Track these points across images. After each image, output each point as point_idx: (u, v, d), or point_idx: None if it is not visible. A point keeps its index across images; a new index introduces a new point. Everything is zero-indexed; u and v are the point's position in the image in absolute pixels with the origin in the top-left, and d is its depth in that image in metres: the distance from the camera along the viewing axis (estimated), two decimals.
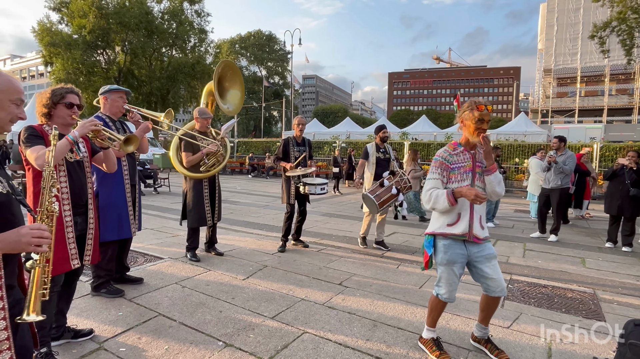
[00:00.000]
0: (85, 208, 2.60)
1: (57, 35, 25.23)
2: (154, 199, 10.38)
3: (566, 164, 6.30)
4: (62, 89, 2.45)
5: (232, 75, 5.36)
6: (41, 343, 2.36)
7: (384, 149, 5.54)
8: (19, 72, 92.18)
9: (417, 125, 26.69)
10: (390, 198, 4.94)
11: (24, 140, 2.29)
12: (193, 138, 4.48)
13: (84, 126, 2.39)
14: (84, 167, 2.58)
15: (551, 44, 48.04)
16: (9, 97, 1.36)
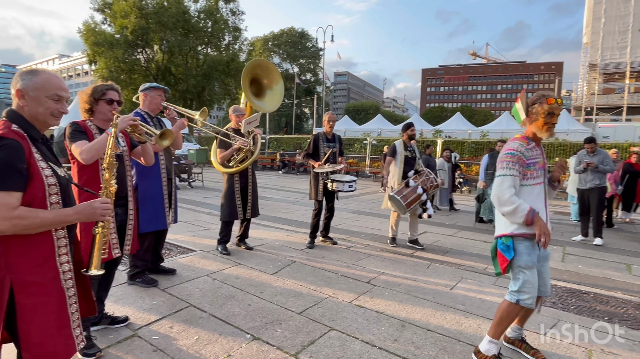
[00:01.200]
0: (125, 200, 2.69)
1: (100, 35, 26.49)
2: (187, 193, 10.70)
3: (605, 164, 6.00)
4: (102, 86, 2.55)
5: (268, 72, 5.40)
6: (83, 327, 2.49)
7: (411, 147, 5.44)
8: (65, 71, 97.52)
9: (451, 123, 26.02)
10: (417, 198, 4.84)
11: (69, 136, 2.42)
12: (227, 137, 4.60)
13: (123, 121, 2.47)
14: (123, 160, 2.67)
15: (598, 37, 45.37)
16: (45, 94, 1.52)
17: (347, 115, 41.83)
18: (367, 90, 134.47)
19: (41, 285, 1.44)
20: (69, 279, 1.55)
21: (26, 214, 1.37)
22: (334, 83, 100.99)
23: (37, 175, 1.42)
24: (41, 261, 1.45)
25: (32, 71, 1.53)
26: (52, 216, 1.43)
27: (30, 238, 1.42)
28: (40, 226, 1.41)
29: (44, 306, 1.45)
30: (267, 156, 22.74)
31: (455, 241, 5.97)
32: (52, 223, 1.44)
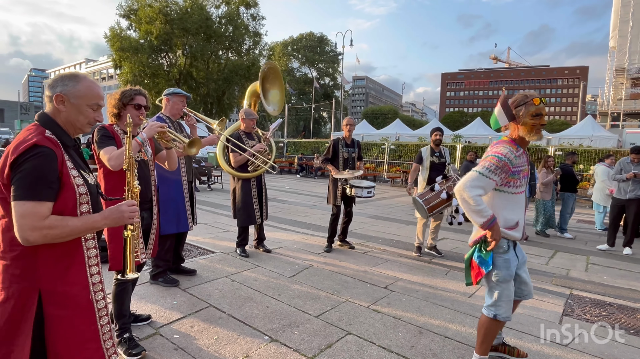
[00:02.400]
0: (150, 204, 2.75)
1: (126, 40, 27.29)
2: (207, 195, 10.88)
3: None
4: (130, 91, 2.57)
5: (273, 77, 5.48)
6: (123, 330, 2.59)
7: (438, 153, 5.34)
8: (91, 75, 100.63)
9: (471, 128, 25.60)
10: (440, 203, 4.78)
11: (98, 141, 2.42)
12: (239, 140, 4.64)
13: (152, 128, 2.49)
14: (149, 165, 2.72)
15: (625, 41, 44.03)
16: (87, 102, 1.51)
17: (365, 119, 41.70)
18: (386, 94, 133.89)
19: (70, 295, 1.42)
20: (99, 291, 1.52)
21: (56, 223, 1.33)
22: (352, 88, 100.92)
23: (69, 185, 1.39)
24: (71, 271, 1.43)
25: (74, 76, 1.49)
26: (80, 223, 1.39)
27: (61, 247, 1.39)
28: (70, 234, 1.37)
29: (73, 318, 1.42)
30: (285, 159, 22.89)
31: None
32: (82, 231, 1.40)
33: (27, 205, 1.28)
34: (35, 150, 1.32)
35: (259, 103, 5.49)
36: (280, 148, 24.21)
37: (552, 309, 3.57)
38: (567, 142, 19.69)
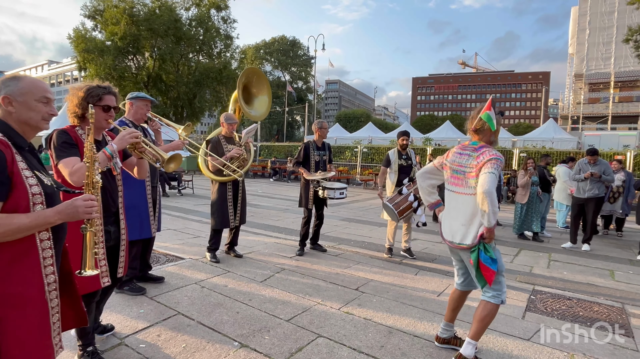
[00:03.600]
0: (116, 217, 2.46)
1: (91, 41, 26.37)
2: (177, 201, 10.64)
3: (607, 174, 6.19)
4: (98, 89, 2.18)
5: (258, 81, 5.46)
6: (88, 344, 2.46)
7: (405, 155, 5.45)
8: (55, 77, 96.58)
9: (440, 131, 26.33)
10: (409, 206, 4.87)
11: (57, 148, 2.07)
12: (218, 144, 4.62)
13: (124, 139, 2.17)
14: (115, 176, 2.42)
15: (583, 48, 46.50)
16: (34, 98, 1.50)
17: (339, 122, 42.09)
18: (359, 98, 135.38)
19: (24, 296, 1.41)
20: (53, 290, 1.52)
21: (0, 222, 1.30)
22: (326, 91, 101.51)
23: (21, 184, 1.38)
24: (26, 272, 1.41)
25: (14, 77, 1.50)
26: (29, 220, 1.36)
27: (14, 248, 1.37)
28: (17, 232, 1.34)
29: (26, 318, 1.42)
30: (258, 163, 22.72)
31: (444, 249, 6.03)
32: (30, 227, 1.37)
33: None
34: None
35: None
36: (253, 152, 23.98)
37: (516, 305, 3.70)
38: (531, 144, 20.53)
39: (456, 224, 2.57)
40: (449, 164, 2.65)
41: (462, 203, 2.55)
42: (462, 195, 2.55)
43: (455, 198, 2.60)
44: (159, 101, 28.66)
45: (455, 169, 2.60)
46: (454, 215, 2.62)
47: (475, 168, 2.45)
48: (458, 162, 2.58)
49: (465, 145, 2.62)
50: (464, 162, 2.53)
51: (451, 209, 2.65)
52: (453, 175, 2.61)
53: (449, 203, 2.67)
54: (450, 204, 2.66)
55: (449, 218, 2.66)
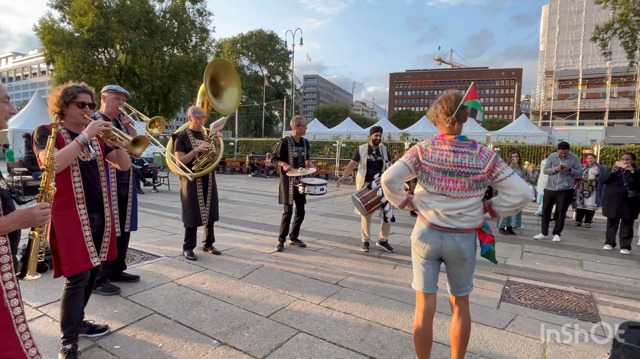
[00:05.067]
0: (100, 205, 2.59)
1: (58, 33, 25.30)
2: (153, 197, 10.39)
3: (576, 168, 6.44)
4: (73, 88, 2.39)
5: (226, 73, 5.32)
6: (69, 339, 2.43)
7: (375, 151, 5.50)
8: (20, 70, 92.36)
9: (417, 126, 26.71)
10: (377, 200, 4.90)
11: (37, 141, 2.28)
12: (186, 138, 4.48)
13: (93, 127, 2.33)
14: (97, 165, 2.56)
15: (553, 45, 48.01)
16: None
17: (317, 118, 42.02)
18: (337, 93, 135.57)
19: None
20: (14, 297, 1.45)
21: None
22: (304, 87, 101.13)
23: None
24: None
25: None
26: None
27: None
28: None
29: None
30: (236, 159, 22.44)
31: None
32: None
33: None
34: None
35: None
36: (231, 148, 23.69)
37: (491, 296, 3.80)
38: (504, 139, 21.10)
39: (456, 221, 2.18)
40: (435, 165, 2.15)
41: (463, 204, 2.15)
42: (464, 199, 2.13)
43: (451, 202, 2.15)
44: (132, 95, 27.81)
45: (448, 170, 2.13)
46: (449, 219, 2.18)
47: (484, 169, 2.11)
48: (454, 162, 2.12)
49: (452, 140, 2.17)
50: (466, 162, 2.11)
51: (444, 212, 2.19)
52: (445, 178, 2.14)
53: (435, 206, 2.18)
54: (438, 207, 2.17)
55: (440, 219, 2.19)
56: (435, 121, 2.29)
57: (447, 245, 2.17)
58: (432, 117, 2.30)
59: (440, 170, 2.15)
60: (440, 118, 2.23)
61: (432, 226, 2.19)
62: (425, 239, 2.21)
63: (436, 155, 2.16)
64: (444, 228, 2.17)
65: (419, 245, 2.24)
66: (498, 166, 2.13)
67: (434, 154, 2.17)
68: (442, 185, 2.16)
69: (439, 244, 2.18)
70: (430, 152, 2.19)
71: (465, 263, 2.20)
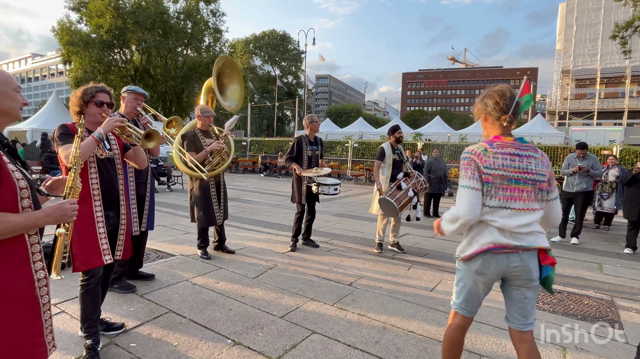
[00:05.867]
0: (117, 203, 2.63)
1: (75, 34, 25.74)
2: (167, 196, 10.50)
3: (595, 169, 6.28)
4: (92, 88, 2.48)
5: (230, 71, 5.32)
6: (88, 334, 2.48)
7: (398, 150, 5.41)
8: (39, 70, 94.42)
9: (430, 126, 26.48)
10: (408, 201, 4.86)
11: (57, 138, 2.37)
12: (195, 138, 4.49)
13: (109, 123, 2.40)
14: (114, 163, 2.62)
15: (570, 44, 47.06)
16: (12, 87, 1.47)
17: (329, 118, 41.98)
18: (349, 93, 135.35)
19: (14, 292, 1.39)
20: (44, 286, 1.50)
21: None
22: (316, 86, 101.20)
23: (8, 178, 1.35)
24: (15, 268, 1.39)
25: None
26: (22, 219, 1.37)
27: (2, 244, 1.35)
28: (12, 231, 1.34)
29: (17, 315, 1.40)
30: (248, 159, 22.55)
31: (435, 243, 6.06)
32: (24, 227, 1.38)
33: None
34: None
35: (217, 100, 5.32)
36: (243, 147, 23.82)
37: None
38: None
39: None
40: (499, 172, 1.83)
41: (530, 218, 1.84)
42: (530, 212, 1.83)
43: (516, 215, 1.82)
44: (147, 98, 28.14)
45: (514, 178, 1.83)
46: None
47: (546, 176, 1.88)
48: (519, 167, 1.83)
49: (513, 142, 1.90)
50: (532, 167, 1.85)
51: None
52: (510, 187, 1.82)
53: (500, 223, 1.82)
54: (503, 223, 1.82)
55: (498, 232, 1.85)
56: (484, 119, 2.00)
57: (514, 265, 1.82)
58: (479, 114, 2.01)
59: (505, 177, 1.82)
60: (494, 116, 1.93)
61: (497, 247, 1.82)
62: (487, 266, 1.85)
63: (499, 161, 1.83)
64: (511, 248, 1.81)
65: (480, 274, 1.88)
66: (553, 180, 1.92)
67: (495, 159, 1.83)
68: (506, 196, 1.83)
69: (504, 265, 1.83)
70: (491, 156, 1.84)
71: (533, 285, 1.87)
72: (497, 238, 1.83)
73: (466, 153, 1.91)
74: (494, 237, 1.83)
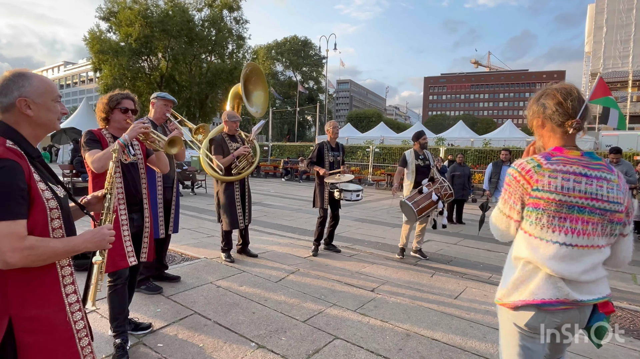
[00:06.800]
0: (140, 205, 2.71)
1: (105, 43, 26.77)
2: (191, 200, 10.72)
3: (629, 175, 6.05)
4: (118, 95, 2.57)
5: (256, 78, 5.45)
6: (117, 333, 2.57)
7: (423, 156, 5.36)
8: (70, 78, 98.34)
9: (453, 131, 26.04)
10: (429, 205, 4.79)
11: (84, 144, 2.46)
12: (222, 142, 4.61)
13: (134, 129, 2.46)
14: (138, 168, 2.70)
15: (600, 46, 45.58)
16: (51, 98, 1.37)
17: (350, 122, 41.96)
18: (370, 98, 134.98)
19: (45, 319, 1.29)
20: (77, 311, 1.40)
21: (37, 244, 1.21)
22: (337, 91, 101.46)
23: (38, 199, 1.26)
24: (44, 292, 1.30)
25: (22, 75, 1.33)
26: (62, 245, 1.28)
27: (32, 268, 1.26)
28: (51, 257, 1.26)
29: (49, 343, 1.30)
30: (270, 163, 22.77)
31: (459, 250, 5.95)
32: (63, 253, 1.30)
33: (1, 226, 1.16)
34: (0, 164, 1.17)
35: (242, 106, 5.43)
36: (264, 152, 24.08)
37: None
38: None
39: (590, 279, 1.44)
40: (556, 196, 1.38)
41: (595, 258, 1.42)
42: (595, 250, 1.41)
43: (580, 256, 1.40)
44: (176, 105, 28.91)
45: (577, 205, 1.38)
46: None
47: (623, 205, 1.42)
48: (586, 191, 1.38)
49: (579, 158, 1.44)
50: (603, 192, 1.39)
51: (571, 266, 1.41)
52: (571, 216, 1.39)
53: (554, 268, 1.40)
54: (559, 268, 1.39)
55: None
56: (540, 125, 1.53)
57: (570, 321, 1.46)
58: (535, 118, 1.53)
59: (564, 204, 1.38)
60: (555, 121, 1.47)
61: (554, 302, 1.40)
62: (537, 324, 1.44)
63: (557, 181, 1.38)
64: (571, 304, 1.40)
65: (530, 336, 1.48)
66: (631, 209, 1.45)
67: (553, 179, 1.39)
68: (564, 227, 1.39)
69: (556, 323, 1.46)
70: (547, 175, 1.40)
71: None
72: (555, 290, 1.39)
73: (512, 168, 1.50)
74: (552, 287, 1.40)
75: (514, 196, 1.47)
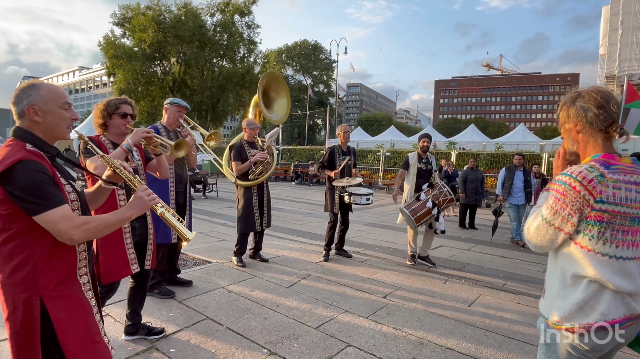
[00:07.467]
0: None
1: (119, 48, 27.20)
2: (202, 204, 10.79)
3: None
4: (115, 100, 2.55)
5: (277, 85, 5.52)
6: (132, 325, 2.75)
7: (425, 159, 5.29)
8: (85, 82, 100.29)
9: (465, 134, 25.83)
10: (427, 213, 4.73)
11: (83, 151, 2.42)
12: (242, 149, 4.68)
13: (136, 134, 2.47)
14: (138, 173, 2.65)
15: (615, 48, 44.64)
16: (57, 104, 1.45)
17: (360, 126, 41.98)
18: (380, 101, 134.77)
19: (68, 297, 1.44)
20: (88, 290, 1.54)
21: (89, 219, 1.39)
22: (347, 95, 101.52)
23: (63, 193, 1.41)
24: (64, 276, 1.44)
25: (33, 85, 1.45)
26: (111, 216, 1.45)
27: (56, 254, 1.40)
28: (105, 227, 1.42)
29: (79, 315, 1.45)
30: (280, 167, 22.84)
31: (472, 256, 5.87)
32: (113, 223, 1.46)
33: (53, 213, 1.31)
34: (23, 165, 1.30)
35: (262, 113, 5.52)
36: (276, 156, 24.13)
37: None
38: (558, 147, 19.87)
39: None
40: (621, 209, 1.30)
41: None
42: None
43: (628, 267, 1.32)
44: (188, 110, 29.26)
45: (638, 216, 1.31)
46: None
47: None
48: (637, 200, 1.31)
49: (631, 166, 1.36)
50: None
51: None
52: (634, 229, 1.32)
53: (619, 285, 1.30)
54: (624, 285, 1.31)
55: None
56: (578, 130, 1.42)
57: (632, 336, 1.38)
58: (573, 121, 1.44)
59: (627, 216, 1.30)
60: (597, 126, 1.37)
61: (622, 321, 1.31)
62: (604, 348, 1.36)
63: (621, 192, 1.29)
64: (636, 317, 1.33)
65: (589, 357, 1.38)
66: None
67: (616, 190, 1.29)
68: (627, 241, 1.31)
69: (623, 339, 1.35)
70: (611, 186, 1.29)
71: None
72: (624, 307, 1.31)
73: (568, 176, 1.34)
74: (620, 305, 1.31)
75: (571, 208, 1.32)
